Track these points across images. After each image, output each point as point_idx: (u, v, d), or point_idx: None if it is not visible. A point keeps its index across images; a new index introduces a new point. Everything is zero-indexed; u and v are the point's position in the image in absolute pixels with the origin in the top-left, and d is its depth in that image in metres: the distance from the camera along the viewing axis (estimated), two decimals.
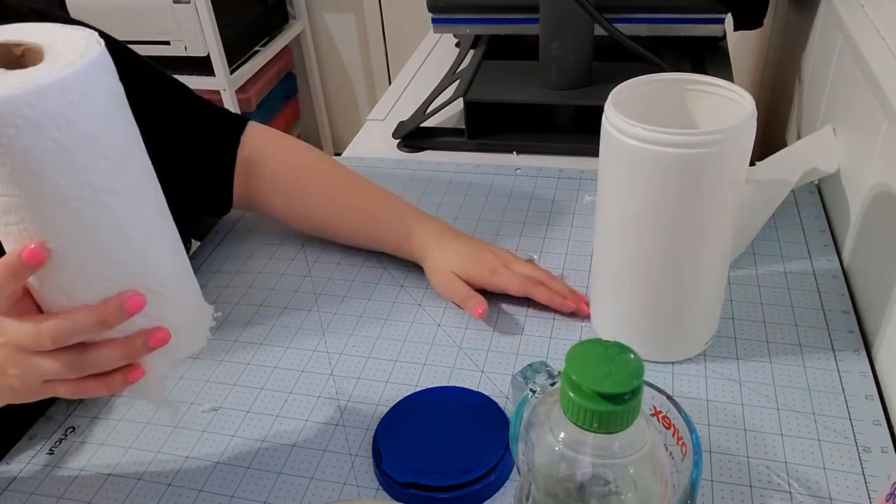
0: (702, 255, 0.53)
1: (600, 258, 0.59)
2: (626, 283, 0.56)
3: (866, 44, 0.67)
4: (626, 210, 0.53)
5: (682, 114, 0.55)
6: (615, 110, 0.50)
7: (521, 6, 0.94)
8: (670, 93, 0.55)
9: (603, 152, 0.53)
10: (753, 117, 0.49)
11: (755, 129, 0.50)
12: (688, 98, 0.55)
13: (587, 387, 0.33)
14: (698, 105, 0.55)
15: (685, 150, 0.48)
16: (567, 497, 0.36)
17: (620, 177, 0.52)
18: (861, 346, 0.59)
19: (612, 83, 0.54)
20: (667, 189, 0.50)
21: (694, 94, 0.55)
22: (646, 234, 0.53)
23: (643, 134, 0.48)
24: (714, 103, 0.54)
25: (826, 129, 0.77)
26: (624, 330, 0.59)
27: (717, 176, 0.50)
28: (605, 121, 0.52)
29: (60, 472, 0.54)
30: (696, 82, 0.54)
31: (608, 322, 0.61)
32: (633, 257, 0.55)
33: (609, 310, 0.60)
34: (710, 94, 0.54)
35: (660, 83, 0.54)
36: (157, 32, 1.83)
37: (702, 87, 0.54)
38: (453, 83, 0.97)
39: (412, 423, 0.53)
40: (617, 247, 0.56)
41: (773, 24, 1.20)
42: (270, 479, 0.52)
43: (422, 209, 0.71)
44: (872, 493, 0.48)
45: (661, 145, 0.48)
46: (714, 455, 0.51)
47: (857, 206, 0.67)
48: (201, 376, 0.61)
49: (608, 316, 0.60)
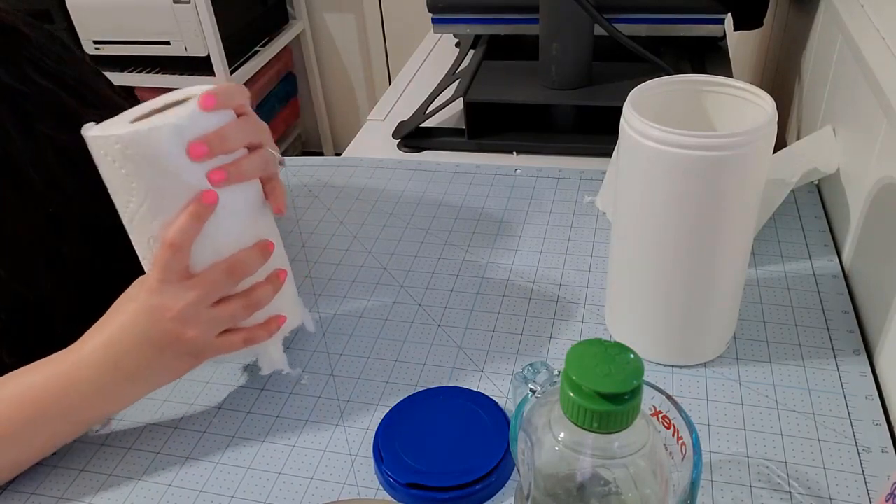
0: (722, 257, 0.53)
1: (617, 260, 0.58)
2: (645, 287, 0.56)
3: (866, 44, 0.67)
4: (645, 212, 0.53)
5: (701, 116, 0.55)
6: (634, 112, 0.50)
7: (521, 6, 0.94)
8: (688, 94, 0.54)
9: (622, 155, 0.53)
10: (774, 119, 0.49)
11: (776, 131, 0.50)
12: (706, 100, 0.54)
13: (587, 387, 0.33)
14: (716, 107, 0.54)
15: (705, 153, 0.48)
16: (567, 497, 0.36)
17: (639, 179, 0.52)
18: (861, 346, 0.59)
19: (612, 83, 0.54)
20: (686, 191, 0.50)
21: (713, 95, 0.54)
22: (665, 236, 0.52)
23: (662, 136, 0.48)
24: (733, 105, 0.53)
25: (826, 129, 0.77)
26: (643, 333, 0.58)
27: (737, 178, 0.49)
28: (623, 123, 0.51)
29: (61, 472, 0.54)
30: (714, 84, 0.54)
31: (626, 325, 0.60)
32: (652, 260, 0.54)
33: (627, 313, 0.59)
34: (729, 96, 0.53)
35: (678, 84, 0.54)
36: (157, 32, 1.83)
37: (720, 89, 0.54)
38: (453, 83, 0.97)
39: (412, 423, 0.53)
40: (635, 249, 0.55)
41: (773, 24, 1.20)
42: (270, 479, 0.52)
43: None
44: (872, 493, 0.48)
45: (680, 147, 0.48)
46: (714, 455, 0.51)
47: (857, 206, 0.67)
48: (201, 377, 0.61)
49: (627, 319, 0.60)
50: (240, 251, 0.51)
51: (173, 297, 0.49)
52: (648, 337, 0.58)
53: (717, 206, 0.50)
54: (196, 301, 0.49)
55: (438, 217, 0.79)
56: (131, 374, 0.51)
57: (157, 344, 0.50)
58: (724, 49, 1.08)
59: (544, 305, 0.65)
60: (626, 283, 0.58)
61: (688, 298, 0.55)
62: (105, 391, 0.51)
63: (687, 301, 0.55)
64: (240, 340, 0.53)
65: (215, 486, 0.52)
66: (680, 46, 1.00)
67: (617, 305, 0.61)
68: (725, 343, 0.59)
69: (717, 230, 0.51)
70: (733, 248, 0.53)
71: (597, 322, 0.63)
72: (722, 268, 0.53)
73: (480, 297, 0.67)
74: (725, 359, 0.59)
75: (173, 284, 0.49)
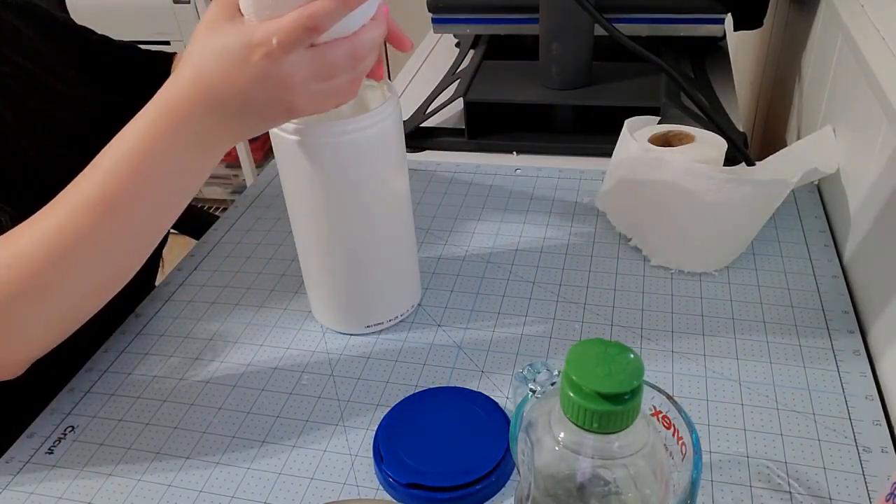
0: (371, 229, 0.59)
1: (301, 252, 0.63)
2: (323, 267, 0.61)
3: (866, 44, 0.67)
4: (298, 200, 0.59)
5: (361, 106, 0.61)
6: None
7: (521, 6, 0.94)
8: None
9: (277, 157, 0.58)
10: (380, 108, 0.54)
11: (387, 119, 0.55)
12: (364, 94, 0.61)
13: (587, 387, 0.33)
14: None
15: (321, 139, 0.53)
16: (567, 497, 0.36)
17: (285, 171, 0.58)
18: (861, 347, 0.59)
19: (612, 83, 0.54)
20: (316, 175, 0.55)
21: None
22: (316, 220, 0.58)
23: (292, 128, 0.54)
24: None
25: (826, 129, 0.77)
26: (326, 307, 0.64)
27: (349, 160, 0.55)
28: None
29: (60, 472, 0.54)
30: None
31: (314, 301, 0.65)
32: (313, 240, 0.60)
33: (314, 290, 0.65)
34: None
35: None
36: (157, 32, 1.83)
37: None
38: (453, 83, 0.97)
39: (412, 423, 0.53)
40: (304, 237, 0.61)
41: (773, 24, 1.20)
42: (270, 479, 0.52)
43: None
44: (872, 494, 0.48)
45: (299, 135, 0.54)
46: (714, 455, 0.51)
47: (857, 206, 0.67)
48: (202, 377, 0.61)
49: (314, 296, 0.65)
50: (361, 29, 0.48)
51: (290, 69, 0.46)
52: (330, 309, 0.64)
53: (347, 185, 0.56)
54: (313, 75, 0.47)
55: (438, 217, 0.79)
56: (229, 131, 0.49)
57: (261, 106, 0.48)
58: (724, 49, 1.08)
59: (544, 305, 0.65)
60: (305, 263, 0.63)
61: (352, 270, 0.61)
62: (204, 147, 0.49)
63: (352, 273, 0.61)
64: (333, 103, 0.51)
65: (215, 486, 0.52)
66: (680, 46, 1.00)
67: (308, 282, 0.65)
68: (405, 309, 0.65)
69: (357, 205, 0.57)
70: (367, 223, 0.58)
71: (597, 322, 0.63)
72: (369, 238, 0.59)
73: (480, 297, 0.67)
74: (726, 359, 0.59)
75: (294, 53, 0.46)
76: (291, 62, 0.46)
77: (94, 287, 0.52)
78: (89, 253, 0.50)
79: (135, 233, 0.52)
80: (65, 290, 0.50)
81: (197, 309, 0.69)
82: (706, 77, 0.98)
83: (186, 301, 0.70)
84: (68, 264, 0.49)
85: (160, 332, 0.67)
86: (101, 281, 0.52)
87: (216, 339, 0.65)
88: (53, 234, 0.48)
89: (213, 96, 0.47)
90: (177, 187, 0.51)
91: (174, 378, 0.61)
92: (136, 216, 0.50)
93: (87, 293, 0.52)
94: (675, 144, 0.71)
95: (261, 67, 0.46)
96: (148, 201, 0.50)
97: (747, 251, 0.69)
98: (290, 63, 0.46)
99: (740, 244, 0.68)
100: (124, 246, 0.52)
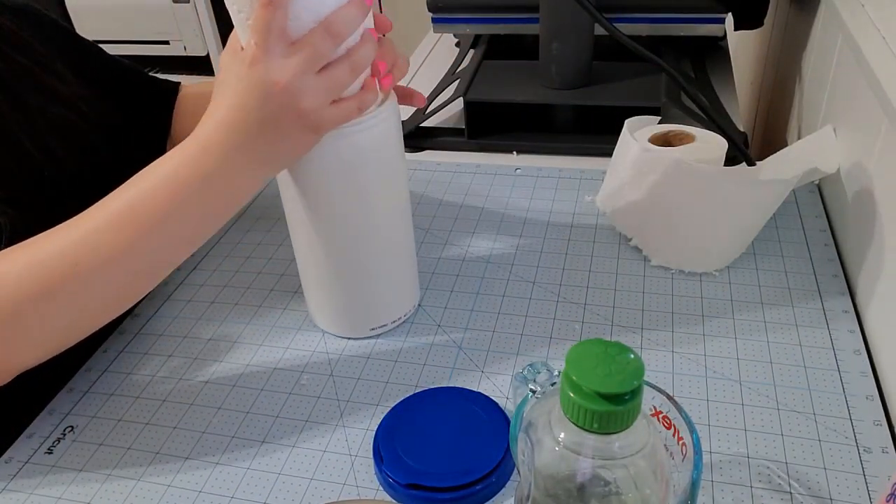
0: (370, 230, 0.58)
1: (300, 256, 0.63)
2: (324, 271, 0.61)
3: (866, 44, 0.67)
4: (297, 201, 0.58)
5: None
6: None
7: (521, 6, 0.94)
8: None
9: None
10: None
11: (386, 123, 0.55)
12: None
13: (587, 387, 0.33)
14: None
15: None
16: (567, 497, 0.36)
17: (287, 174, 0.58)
18: (862, 346, 0.59)
19: (612, 83, 0.54)
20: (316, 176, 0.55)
21: None
22: (314, 221, 0.58)
23: None
24: None
25: (826, 129, 0.77)
26: (323, 309, 0.64)
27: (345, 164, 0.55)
28: None
29: (60, 472, 0.54)
30: None
31: (313, 304, 0.65)
32: (314, 244, 0.60)
33: (313, 292, 0.64)
34: None
35: None
36: (156, 32, 1.83)
37: None
38: (453, 83, 0.97)
39: (412, 423, 0.53)
40: (303, 239, 0.61)
41: (773, 24, 1.20)
42: (270, 479, 0.52)
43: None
44: (873, 494, 0.48)
45: None
46: (714, 455, 0.51)
47: (857, 206, 0.67)
48: (201, 377, 0.61)
49: (313, 298, 0.64)
50: (337, 8, 0.49)
51: (278, 69, 0.47)
52: (331, 314, 0.63)
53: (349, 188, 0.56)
54: (301, 68, 0.48)
55: (438, 217, 0.79)
56: (255, 155, 0.50)
57: (273, 120, 0.49)
58: (724, 49, 1.08)
59: (544, 305, 0.65)
60: (304, 267, 0.63)
61: (352, 272, 0.60)
62: (233, 175, 0.51)
63: (352, 274, 0.60)
64: (354, 106, 0.52)
65: (215, 486, 0.52)
66: (680, 46, 1.00)
67: (308, 288, 0.65)
68: (406, 311, 0.64)
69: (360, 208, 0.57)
70: (367, 223, 0.58)
71: (597, 322, 0.63)
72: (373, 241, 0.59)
73: (480, 297, 0.67)
74: (726, 359, 0.59)
75: (275, 53, 0.47)
76: (280, 64, 0.47)
77: (105, 305, 0.53)
78: (105, 272, 0.50)
79: (156, 258, 0.52)
80: (75, 304, 0.51)
81: (196, 308, 0.69)
82: (706, 77, 0.98)
83: (186, 301, 0.70)
84: (84, 280, 0.50)
85: (159, 332, 0.66)
86: (113, 300, 0.53)
87: (216, 339, 0.65)
88: (76, 248, 0.49)
89: (236, 127, 0.49)
90: (203, 218, 0.53)
91: (173, 378, 0.61)
92: (160, 242, 0.51)
93: (97, 310, 0.53)
94: (675, 144, 0.71)
95: (253, 76, 0.48)
96: (174, 229, 0.51)
97: (748, 251, 0.69)
98: (274, 65, 0.47)
99: (741, 244, 0.68)
100: (143, 269, 0.52)
